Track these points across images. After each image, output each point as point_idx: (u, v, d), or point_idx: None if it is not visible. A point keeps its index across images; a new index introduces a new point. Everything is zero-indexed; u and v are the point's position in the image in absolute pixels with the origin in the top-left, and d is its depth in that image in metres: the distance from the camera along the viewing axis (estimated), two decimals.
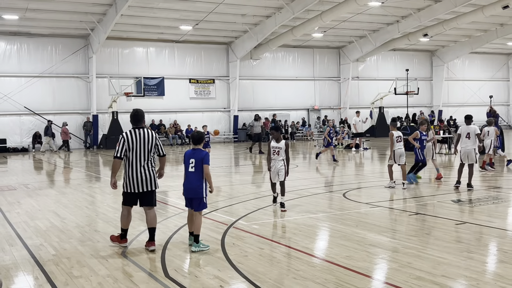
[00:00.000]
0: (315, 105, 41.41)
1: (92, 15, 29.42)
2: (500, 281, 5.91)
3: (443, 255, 7.07)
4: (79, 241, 8.40)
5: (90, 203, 12.65)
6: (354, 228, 8.90)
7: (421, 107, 44.22)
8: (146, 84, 34.53)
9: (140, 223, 9.74)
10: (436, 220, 9.56)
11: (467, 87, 46.04)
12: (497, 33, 39.39)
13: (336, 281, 6.05)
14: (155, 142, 7.73)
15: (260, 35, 33.53)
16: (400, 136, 13.70)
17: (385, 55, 43.15)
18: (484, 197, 11.73)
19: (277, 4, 29.74)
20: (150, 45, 35.46)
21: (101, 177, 18.61)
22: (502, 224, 9.11)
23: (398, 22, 35.21)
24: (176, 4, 28.57)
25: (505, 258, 6.87)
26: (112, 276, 6.48)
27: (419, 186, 14.21)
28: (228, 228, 8.99)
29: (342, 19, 33.04)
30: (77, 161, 25.48)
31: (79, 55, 33.31)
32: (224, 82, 38.01)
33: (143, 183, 7.56)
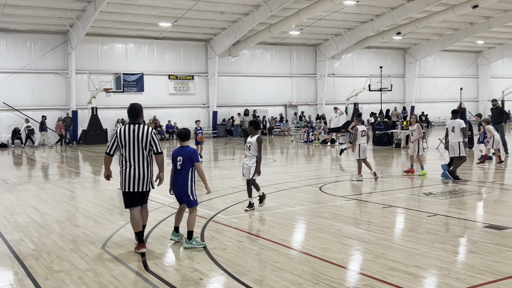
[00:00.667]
0: (292, 101, 41.49)
1: (71, 11, 28.99)
2: (470, 271, 6.01)
3: (415, 246, 7.15)
4: (59, 236, 8.29)
5: (69, 198, 12.49)
6: (330, 221, 8.95)
7: (395, 103, 44.64)
8: (126, 80, 34.17)
9: (119, 218, 9.66)
10: (408, 212, 9.66)
11: (438, 83, 46.62)
12: (467, 32, 39.95)
13: (312, 272, 6.09)
14: (149, 139, 7.05)
15: (238, 32, 33.45)
16: (365, 131, 13.59)
17: (359, 53, 43.42)
18: (454, 190, 11.90)
19: (255, 2, 29.69)
20: (129, 41, 35.10)
21: (80, 172, 18.39)
22: (472, 216, 9.25)
23: (372, 20, 35.45)
24: (155, 1, 28.31)
25: (475, 249, 6.97)
26: (92, 270, 6.41)
27: (393, 179, 14.34)
28: (207, 222, 8.97)
29: (318, 17, 33.14)
30: (57, 156, 25.14)
31: (58, 51, 32.80)
32: (203, 79, 37.85)
33: (138, 182, 7.02)
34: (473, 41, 44.35)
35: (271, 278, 5.94)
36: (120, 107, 34.57)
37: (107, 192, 13.07)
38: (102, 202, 11.48)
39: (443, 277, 5.83)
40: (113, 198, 12.12)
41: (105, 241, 7.85)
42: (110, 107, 34.13)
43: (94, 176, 17.13)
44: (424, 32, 40.13)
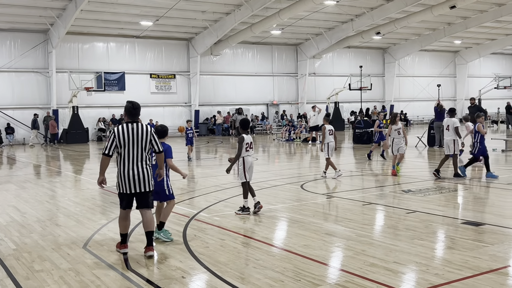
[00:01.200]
0: (274, 100, 41.55)
1: (51, 10, 28.64)
2: (448, 266, 6.08)
3: (395, 242, 7.21)
4: (40, 236, 8.19)
5: (50, 197, 12.34)
6: (311, 218, 8.98)
7: (374, 102, 44.98)
8: (107, 79, 33.84)
9: (101, 217, 9.58)
10: (388, 209, 9.74)
11: (416, 83, 47.05)
12: (445, 32, 40.39)
13: (294, 269, 6.10)
14: (150, 138, 6.76)
15: (220, 32, 33.38)
16: (332, 130, 13.84)
17: (340, 52, 43.63)
18: (432, 187, 12.03)
19: (236, 1, 29.65)
20: (110, 40, 34.79)
21: (61, 171, 18.19)
22: (449, 212, 9.35)
23: (352, 20, 35.64)
24: (136, 0, 28.10)
25: (452, 245, 7.06)
26: (74, 270, 6.35)
27: (372, 177, 14.45)
28: (189, 220, 8.94)
29: (299, 17, 33.22)
30: (38, 155, 24.82)
31: (39, 49, 32.39)
32: (185, 77, 37.70)
33: (139, 183, 6.67)
34: (450, 41, 44.86)
35: (253, 275, 5.94)
36: (102, 106, 34.35)
37: (88, 191, 12.95)
38: (84, 201, 11.37)
39: (422, 273, 5.89)
40: (94, 197, 12.01)
41: (86, 240, 7.77)
42: (91, 106, 33.82)
43: (75, 175, 16.96)
44: (403, 32, 40.48)
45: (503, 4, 34.84)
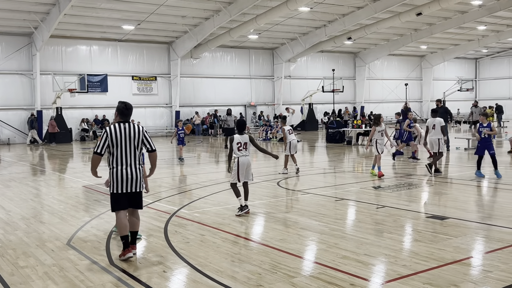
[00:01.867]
0: (251, 101, 41.53)
1: (35, 14, 28.14)
2: (415, 258, 6.16)
3: (365, 236, 7.28)
4: (24, 233, 8.05)
5: (35, 195, 12.14)
6: (287, 214, 9.01)
7: (346, 104, 45.26)
8: (90, 81, 33.38)
9: (84, 214, 9.46)
10: (359, 204, 9.83)
11: (385, 85, 47.50)
12: (412, 37, 40.86)
13: (271, 262, 6.11)
14: (142, 137, 6.53)
15: (200, 36, 33.24)
16: (291, 129, 14.36)
17: (313, 56, 43.81)
18: (400, 183, 12.17)
19: (215, 7, 29.56)
20: (93, 43, 34.33)
21: (46, 170, 17.91)
22: (416, 207, 9.48)
23: (325, 26, 35.82)
24: (118, 5, 27.80)
25: (419, 238, 7.16)
26: (58, 265, 6.26)
27: (344, 174, 14.55)
28: (170, 217, 8.89)
29: (275, 22, 33.27)
30: (22, 155, 24.38)
31: (23, 52, 31.78)
32: (165, 79, 37.43)
33: (132, 183, 6.40)
34: (417, 46, 45.39)
35: (232, 269, 5.94)
36: (85, 107, 33.90)
37: (72, 190, 12.78)
38: (67, 199, 11.21)
39: (391, 264, 5.96)
40: (78, 195, 11.86)
41: (70, 237, 7.67)
42: (74, 107, 33.36)
43: (60, 174, 16.71)
44: (373, 37, 40.84)
45: (465, 12, 35.45)
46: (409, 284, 5.28)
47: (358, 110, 44.87)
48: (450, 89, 45.74)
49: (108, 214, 9.30)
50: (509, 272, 5.55)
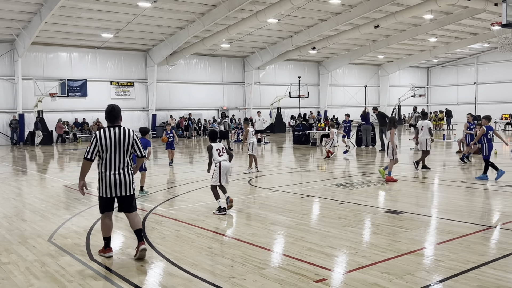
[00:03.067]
0: (224, 105, 41.42)
1: (17, 21, 27.41)
2: (374, 249, 6.24)
3: (329, 229, 7.34)
4: (6, 230, 7.82)
5: (17, 195, 11.81)
6: (257, 210, 9.02)
7: (311, 108, 45.59)
8: (70, 86, 32.75)
9: (65, 212, 9.26)
10: (323, 201, 9.90)
11: (346, 91, 48.02)
12: (370, 48, 41.48)
13: (242, 256, 6.10)
14: (132, 142, 6.04)
15: (175, 44, 32.99)
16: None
17: (281, 64, 44.00)
18: (360, 181, 12.33)
19: (189, 17, 29.40)
20: (73, 50, 33.64)
21: (27, 170, 17.45)
22: (374, 203, 9.61)
23: (292, 36, 36.04)
24: (97, 14, 27.33)
25: (378, 230, 7.25)
26: (40, 261, 6.10)
27: (309, 173, 14.65)
28: (147, 214, 8.79)
29: (245, 32, 33.29)
30: (4, 156, 23.71)
31: (5, 58, 30.90)
32: (142, 85, 36.99)
33: (120, 187, 5.98)
34: (375, 56, 46.10)
35: (206, 262, 5.90)
36: (65, 111, 33.20)
37: (53, 189, 12.49)
38: (49, 198, 10.96)
39: (352, 255, 6.02)
40: (58, 194, 11.60)
41: (51, 234, 7.49)
42: (55, 111, 32.61)
43: (41, 174, 16.31)
44: (335, 47, 41.29)
45: (418, 25, 36.21)
46: (369, 273, 5.34)
47: (322, 114, 45.25)
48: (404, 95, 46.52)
49: (87, 212, 9.14)
50: (458, 261, 5.68)
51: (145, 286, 5.22)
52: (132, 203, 6.19)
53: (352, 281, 5.13)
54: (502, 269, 5.41)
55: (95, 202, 10.17)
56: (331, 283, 5.14)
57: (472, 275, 5.21)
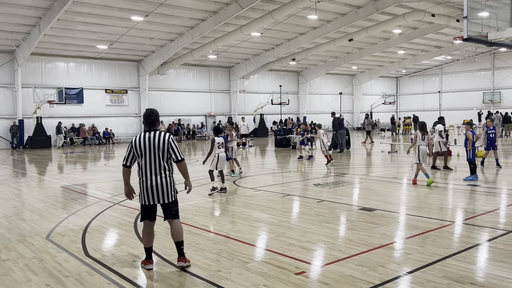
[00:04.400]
0: (211, 112, 41.33)
1: (17, 33, 27.00)
2: (349, 244, 6.27)
3: (308, 226, 7.35)
4: (6, 229, 7.66)
5: (16, 195, 11.59)
6: (242, 208, 8.99)
7: (291, 114, 45.76)
8: (67, 93, 32.41)
9: (62, 212, 9.11)
10: (302, 199, 9.92)
11: (323, 99, 48.31)
12: (345, 59, 41.84)
13: (228, 251, 6.08)
14: (167, 146, 5.31)
15: (166, 55, 32.83)
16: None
17: (264, 74, 44.09)
18: (336, 181, 12.39)
19: (179, 30, 29.29)
20: (70, 60, 33.25)
21: (27, 173, 17.14)
22: (349, 201, 9.66)
23: (273, 48, 36.17)
24: (93, 27, 27.06)
25: (352, 226, 7.29)
26: (38, 258, 5.99)
27: (290, 174, 14.65)
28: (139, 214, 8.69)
29: (231, 45, 33.30)
30: (4, 159, 23.26)
31: (6, 67, 30.39)
32: (135, 93, 36.69)
33: (158, 194, 5.32)
34: (349, 67, 46.50)
35: (194, 257, 5.85)
36: (62, 117, 32.76)
37: (51, 190, 12.28)
38: (47, 199, 10.77)
39: (329, 249, 6.04)
40: (56, 195, 11.42)
41: (49, 232, 7.36)
42: (53, 116, 32.16)
43: (39, 176, 16.03)
44: (313, 59, 41.55)
45: (388, 39, 36.66)
46: (345, 266, 5.36)
47: (301, 119, 45.42)
48: (376, 103, 47.08)
49: (83, 212, 9.00)
50: (425, 254, 5.73)
51: (138, 280, 5.15)
52: (171, 211, 5.47)
53: (329, 273, 5.14)
54: (465, 260, 5.48)
55: (90, 202, 10.03)
56: (310, 275, 5.14)
57: (438, 267, 5.26)
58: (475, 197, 9.74)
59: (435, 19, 29.73)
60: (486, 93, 46.75)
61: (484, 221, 7.44)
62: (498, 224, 7.27)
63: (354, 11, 28.45)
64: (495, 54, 45.53)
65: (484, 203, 9.05)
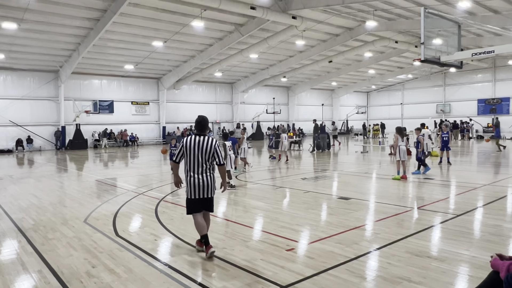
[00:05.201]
0: (217, 119, 41.28)
1: (61, 56, 26.94)
2: (330, 226, 6.29)
3: (296, 211, 7.36)
4: (52, 214, 7.65)
5: (60, 187, 11.56)
6: (243, 198, 9.00)
7: (282, 121, 45.68)
8: (100, 105, 32.32)
9: (97, 200, 9.10)
10: (291, 190, 9.93)
11: (308, 109, 48.22)
12: (326, 77, 41.85)
13: (231, 232, 6.09)
14: (213, 150, 5.10)
15: (180, 73, 32.78)
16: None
17: (260, 89, 44.05)
18: (319, 176, 12.40)
19: (191, 53, 29.27)
20: (103, 78, 33.15)
21: (68, 169, 17.09)
22: (329, 191, 9.68)
23: (268, 68, 36.15)
24: (122, 51, 27.03)
25: (332, 212, 7.31)
26: (77, 237, 5.99)
27: (281, 170, 14.65)
28: (159, 201, 8.69)
29: (233, 65, 33.29)
30: (50, 158, 23.18)
31: (51, 84, 30.27)
32: (155, 104, 36.60)
33: (202, 190, 5.14)
34: (329, 83, 46.48)
35: None
36: (97, 124, 32.67)
37: (87, 183, 12.25)
38: (84, 190, 10.75)
39: (314, 231, 6.06)
40: (92, 187, 11.39)
41: (86, 217, 7.35)
42: (89, 124, 32.06)
43: (78, 172, 15.99)
44: (300, 76, 41.55)
45: (360, 61, 36.73)
46: (326, 244, 5.38)
47: (291, 126, 45.39)
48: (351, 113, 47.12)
49: (114, 200, 8.98)
50: (391, 234, 5.76)
51: (158, 255, 5.16)
52: (210, 205, 5.33)
53: (313, 250, 5.16)
54: (422, 239, 5.51)
55: (120, 193, 10.02)
56: (298, 251, 5.16)
57: (401, 244, 5.29)
58: (431, 188, 9.78)
59: (398, 45, 29.85)
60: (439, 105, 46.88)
61: (437, 207, 7.48)
62: (449, 209, 7.31)
63: (333, 38, 28.53)
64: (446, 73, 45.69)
65: (437, 193, 9.09)
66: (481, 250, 4.95)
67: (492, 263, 2.72)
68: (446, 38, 9.54)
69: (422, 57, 8.77)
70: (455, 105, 45.41)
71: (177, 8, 21.20)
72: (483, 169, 13.27)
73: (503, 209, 7.22)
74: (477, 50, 9.00)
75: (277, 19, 21.86)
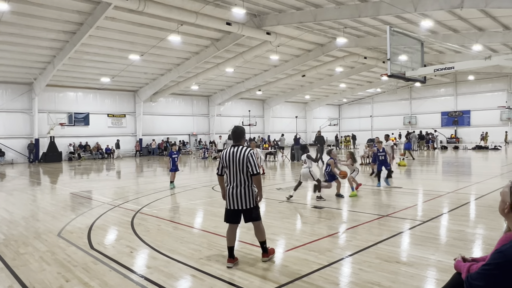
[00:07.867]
0: (194, 131, 40.99)
1: (35, 69, 26.16)
2: (303, 234, 6.33)
3: (271, 221, 7.37)
4: (24, 228, 7.33)
5: (32, 201, 11.09)
6: (219, 208, 8.93)
7: (258, 133, 45.87)
8: (76, 117, 31.45)
9: (71, 213, 8.79)
10: (267, 200, 9.94)
11: (283, 121, 48.67)
12: (299, 91, 42.48)
13: (208, 243, 6.02)
14: (246, 160, 4.87)
15: (157, 86, 32.48)
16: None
17: (236, 101, 44.18)
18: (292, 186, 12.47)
19: (168, 67, 29.11)
20: (78, 91, 32.36)
21: (41, 182, 16.44)
22: (304, 201, 9.74)
23: (243, 82, 36.40)
24: (97, 64, 26.55)
25: (306, 221, 7.36)
26: (51, 251, 5.76)
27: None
28: (135, 213, 8.50)
29: (209, 78, 33.32)
30: (23, 171, 22.24)
31: (25, 96, 29.26)
32: (132, 116, 36.00)
33: (237, 201, 4.91)
34: (303, 96, 47.19)
35: (180, 248, 5.78)
36: (71, 136, 31.76)
37: (61, 196, 11.82)
38: (58, 203, 10.36)
39: (289, 239, 6.08)
40: (66, 199, 11.00)
41: (60, 230, 7.08)
42: (64, 136, 31.10)
43: (52, 185, 15.41)
44: (274, 90, 42.00)
45: (332, 75, 37.61)
46: (300, 252, 5.41)
47: (266, 137, 45.62)
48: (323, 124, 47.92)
49: (89, 213, 8.71)
50: (362, 240, 5.86)
51: (134, 267, 5.03)
52: (252, 215, 5.01)
53: (288, 258, 5.17)
54: (392, 245, 5.64)
55: (95, 205, 9.73)
56: (274, 260, 5.16)
57: (372, 250, 5.39)
58: (399, 196, 10.05)
59: (367, 60, 30.84)
60: (405, 117, 48.51)
61: (405, 214, 7.68)
62: (416, 216, 7.53)
63: (306, 53, 29.14)
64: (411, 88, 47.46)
65: (405, 201, 9.34)
66: (446, 255, 5.11)
67: (455, 264, 2.84)
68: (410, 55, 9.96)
69: (388, 72, 9.11)
70: (421, 118, 47.11)
71: (154, 22, 21.12)
72: (447, 178, 13.77)
73: (466, 215, 7.50)
74: (439, 66, 9.44)
75: (252, 34, 22.16)
